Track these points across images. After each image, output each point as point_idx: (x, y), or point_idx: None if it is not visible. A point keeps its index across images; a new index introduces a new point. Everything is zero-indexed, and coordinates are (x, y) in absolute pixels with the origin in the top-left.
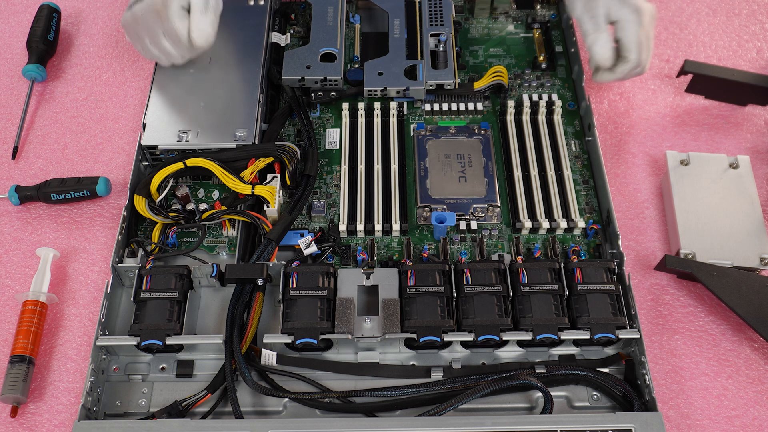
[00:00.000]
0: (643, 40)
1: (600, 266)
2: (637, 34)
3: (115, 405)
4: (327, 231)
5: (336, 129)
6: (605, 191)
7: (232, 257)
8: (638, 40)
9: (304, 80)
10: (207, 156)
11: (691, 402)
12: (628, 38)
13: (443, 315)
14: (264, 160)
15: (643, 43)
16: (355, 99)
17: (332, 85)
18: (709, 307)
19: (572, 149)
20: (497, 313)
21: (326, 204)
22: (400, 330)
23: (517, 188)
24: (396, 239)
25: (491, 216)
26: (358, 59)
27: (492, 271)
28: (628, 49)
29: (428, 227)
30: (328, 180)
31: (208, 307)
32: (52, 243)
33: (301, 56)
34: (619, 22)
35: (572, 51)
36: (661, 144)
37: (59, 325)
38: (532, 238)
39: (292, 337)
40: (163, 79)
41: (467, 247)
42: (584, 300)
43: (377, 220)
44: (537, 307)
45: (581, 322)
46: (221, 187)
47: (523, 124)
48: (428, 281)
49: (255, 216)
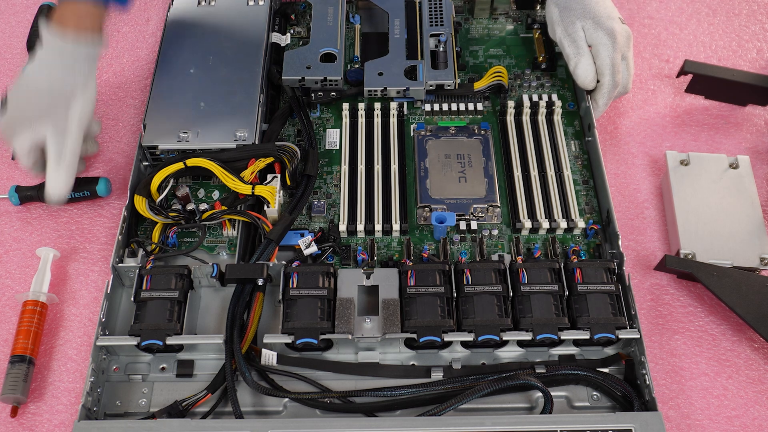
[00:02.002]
0: (617, 63)
1: (600, 266)
2: (611, 58)
3: (115, 405)
4: (327, 231)
5: (336, 129)
6: (605, 191)
7: (232, 257)
8: (612, 63)
9: (304, 80)
10: (207, 156)
11: (691, 402)
12: (601, 62)
13: (443, 315)
14: (264, 160)
15: (617, 65)
16: (356, 99)
17: (332, 85)
18: (709, 307)
19: (572, 149)
20: (497, 313)
21: (326, 204)
22: (400, 330)
23: (517, 188)
24: (396, 239)
25: (491, 216)
26: (358, 59)
27: (492, 271)
28: (602, 73)
29: (428, 227)
30: (328, 180)
31: (208, 307)
32: (52, 243)
33: (301, 56)
34: (594, 47)
35: None
36: (661, 144)
37: (59, 325)
38: (532, 238)
39: (292, 337)
40: (164, 79)
41: (467, 247)
42: (584, 300)
43: (377, 220)
44: (537, 307)
45: (581, 322)
46: (221, 187)
47: (523, 124)
48: (428, 281)
49: (255, 216)
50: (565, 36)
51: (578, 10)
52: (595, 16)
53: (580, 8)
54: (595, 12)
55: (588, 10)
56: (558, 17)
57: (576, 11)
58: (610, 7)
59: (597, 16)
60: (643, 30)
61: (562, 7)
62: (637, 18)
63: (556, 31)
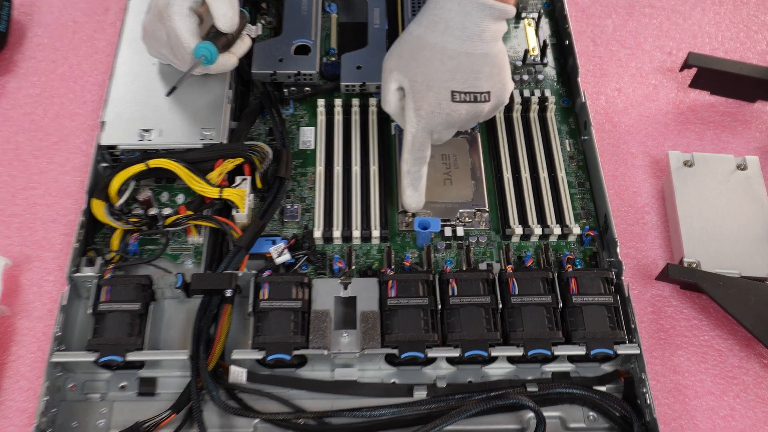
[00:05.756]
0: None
1: (597, 276)
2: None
3: (71, 426)
4: (301, 238)
5: (311, 127)
6: (602, 195)
7: (198, 266)
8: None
9: (276, 74)
10: (171, 157)
11: (695, 423)
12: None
13: (427, 329)
14: (233, 161)
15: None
16: (332, 95)
17: (306, 79)
18: (715, 320)
19: (567, 149)
20: (485, 326)
21: (300, 209)
22: (380, 345)
23: (507, 191)
24: (376, 247)
25: (479, 222)
26: (335, 52)
27: (480, 281)
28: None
29: (411, 234)
30: (302, 182)
31: (172, 321)
32: (3, 251)
33: (272, 48)
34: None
35: (566, 43)
36: (663, 144)
37: (11, 340)
38: (523, 246)
39: (263, 352)
40: (124, 73)
41: (453, 256)
42: (580, 312)
43: (356, 226)
44: (528, 320)
45: (576, 337)
46: (186, 190)
47: (514, 121)
48: (411, 292)
49: (223, 221)
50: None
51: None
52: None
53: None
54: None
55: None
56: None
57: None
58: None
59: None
60: (644, 20)
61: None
62: (638, 7)
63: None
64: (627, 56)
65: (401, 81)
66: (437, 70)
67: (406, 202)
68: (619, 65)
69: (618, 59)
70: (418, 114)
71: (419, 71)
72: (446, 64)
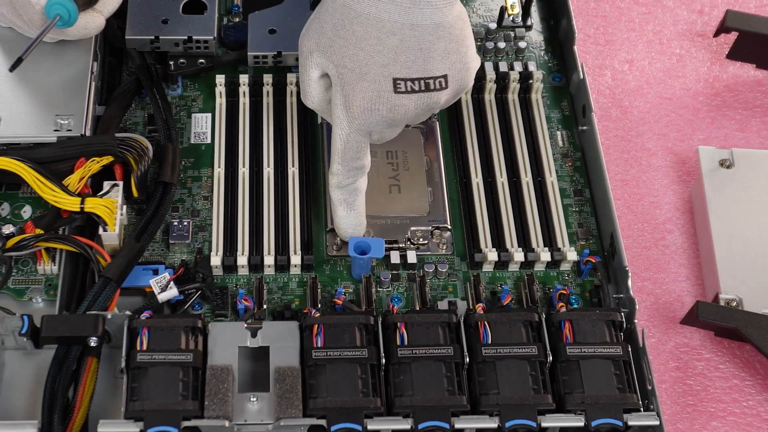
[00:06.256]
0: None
1: (600, 318)
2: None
3: None
4: (193, 266)
5: (207, 114)
6: (608, 207)
7: (51, 305)
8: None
9: (158, 41)
10: (14, 154)
11: None
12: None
13: (366, 391)
14: (99, 160)
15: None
16: (235, 69)
17: (201, 48)
18: (763, 378)
19: (559, 144)
20: (447, 387)
21: (192, 226)
22: (301, 413)
23: (477, 202)
24: (296, 279)
25: (438, 244)
26: (239, 10)
27: (439, 325)
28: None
29: (344, 261)
30: (194, 190)
31: (15, 379)
32: None
33: (153, 6)
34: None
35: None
36: (692, 136)
37: None
38: (498, 277)
39: (140, 424)
40: None
41: (402, 291)
42: (576, 369)
43: (268, 250)
44: (506, 380)
45: (572, 402)
46: (36, 200)
47: (486, 106)
48: (344, 341)
49: (85, 244)
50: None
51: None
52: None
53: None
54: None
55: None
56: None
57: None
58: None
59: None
60: None
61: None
62: None
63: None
64: (642, 16)
65: (325, 66)
66: (373, 51)
67: (340, 226)
68: (631, 28)
69: (629, 20)
70: (350, 112)
71: (348, 53)
72: (385, 42)
